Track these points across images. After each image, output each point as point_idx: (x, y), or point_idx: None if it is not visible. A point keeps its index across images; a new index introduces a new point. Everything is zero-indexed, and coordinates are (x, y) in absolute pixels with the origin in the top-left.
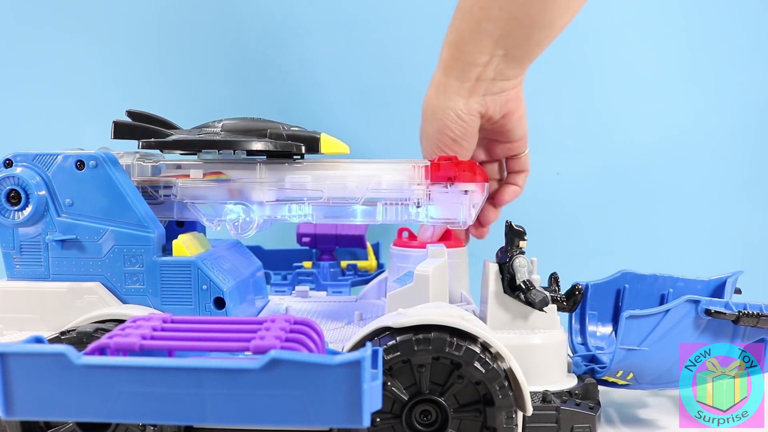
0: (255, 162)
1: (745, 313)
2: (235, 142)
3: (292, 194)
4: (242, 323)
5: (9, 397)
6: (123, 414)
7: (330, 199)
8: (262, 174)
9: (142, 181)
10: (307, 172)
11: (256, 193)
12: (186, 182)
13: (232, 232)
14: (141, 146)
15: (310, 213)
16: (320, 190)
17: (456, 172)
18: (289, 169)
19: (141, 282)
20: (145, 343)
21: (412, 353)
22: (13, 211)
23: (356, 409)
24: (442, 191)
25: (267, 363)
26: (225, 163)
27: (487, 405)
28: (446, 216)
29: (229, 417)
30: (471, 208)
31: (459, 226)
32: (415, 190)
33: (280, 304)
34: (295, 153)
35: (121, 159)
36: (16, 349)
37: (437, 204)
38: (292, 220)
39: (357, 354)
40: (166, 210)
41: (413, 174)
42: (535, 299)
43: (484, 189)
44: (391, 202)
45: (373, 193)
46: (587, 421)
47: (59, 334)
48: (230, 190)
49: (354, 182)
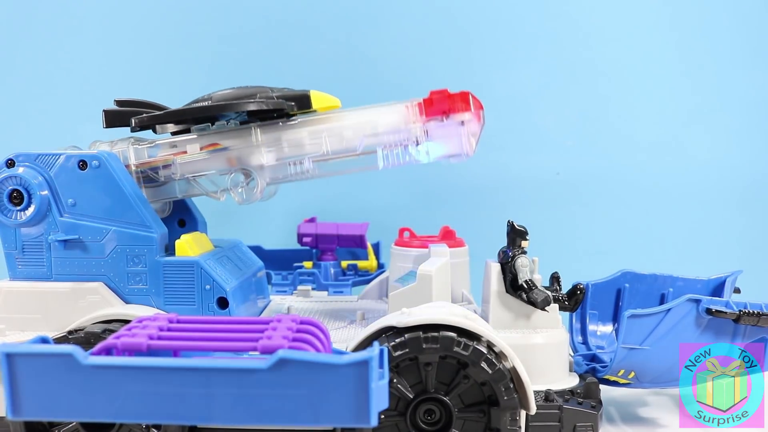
0: (249, 127)
1: (746, 312)
2: (227, 105)
3: (291, 153)
4: (248, 323)
5: (16, 397)
6: (130, 414)
7: (329, 152)
8: (258, 137)
9: (141, 165)
10: (302, 129)
11: (255, 157)
12: (184, 158)
13: (237, 199)
14: (134, 125)
15: (311, 169)
16: (318, 145)
17: (449, 104)
18: (284, 129)
19: (144, 282)
20: (153, 343)
21: (420, 351)
22: (16, 211)
23: (364, 408)
24: (439, 126)
25: (275, 363)
26: (220, 133)
27: (491, 406)
28: (447, 151)
29: (236, 417)
30: (470, 137)
31: (461, 158)
32: (412, 129)
33: (281, 304)
34: (288, 113)
35: (116, 146)
36: (22, 349)
37: (436, 139)
38: (295, 179)
39: (365, 354)
40: (168, 190)
41: (407, 114)
42: (537, 299)
43: (480, 117)
44: (391, 146)
45: (372, 140)
46: (590, 420)
47: (66, 333)
48: (229, 159)
49: (350, 131)
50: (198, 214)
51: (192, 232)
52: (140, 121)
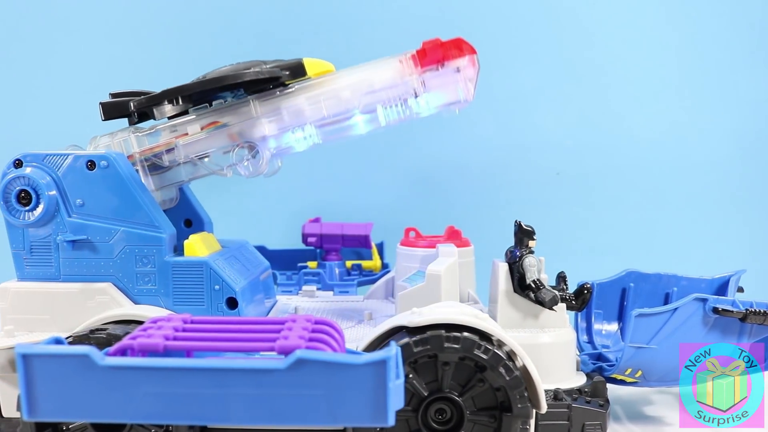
0: (247, 101)
1: (753, 311)
2: (224, 77)
3: (291, 121)
4: (263, 323)
5: (32, 398)
6: (147, 415)
7: (329, 115)
8: (258, 109)
9: (144, 152)
10: (299, 96)
11: (257, 129)
12: (186, 140)
13: (244, 173)
14: (133, 108)
15: (314, 134)
16: (317, 109)
17: (443, 52)
18: (282, 98)
19: (153, 282)
20: (170, 343)
21: (440, 349)
22: (24, 212)
23: (381, 407)
24: (436, 75)
25: (293, 363)
26: (218, 111)
27: (503, 412)
28: (446, 99)
29: (253, 417)
30: (467, 83)
31: (462, 105)
32: (409, 82)
33: (288, 303)
34: (284, 82)
35: (116, 137)
36: (38, 350)
37: (434, 89)
38: (298, 146)
39: (383, 353)
40: (175, 175)
41: (402, 67)
42: (545, 298)
43: (475, 62)
44: (390, 102)
45: (370, 98)
46: (598, 419)
47: (89, 333)
48: (231, 135)
49: (347, 92)
50: (204, 214)
51: (199, 232)
52: (138, 104)
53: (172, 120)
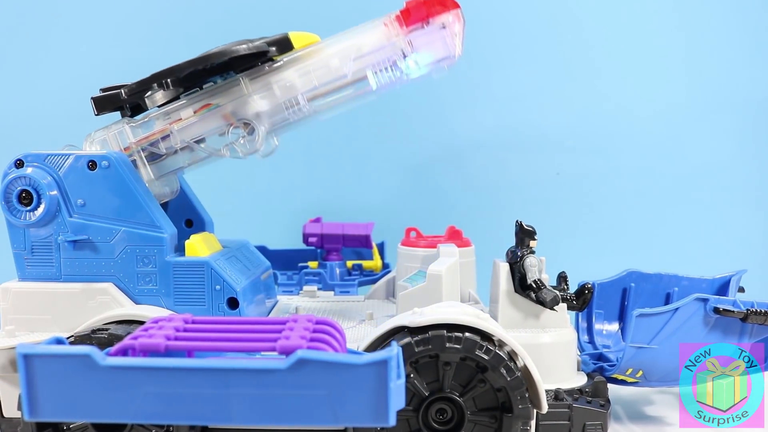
0: (238, 79)
1: (753, 311)
2: (211, 54)
3: (283, 95)
4: (264, 323)
5: (33, 398)
6: (148, 415)
7: (320, 84)
8: (249, 87)
9: (140, 141)
10: (289, 69)
11: (249, 106)
12: (180, 125)
13: (241, 152)
14: (124, 94)
15: (306, 106)
16: (308, 80)
17: (426, 9)
18: (272, 73)
19: (154, 282)
20: (171, 343)
21: (442, 349)
22: (25, 212)
23: (383, 407)
24: (422, 34)
25: (294, 363)
26: (209, 93)
27: (504, 412)
28: (434, 57)
29: (254, 417)
30: (454, 38)
31: (451, 61)
32: (396, 43)
33: (289, 303)
34: (272, 57)
35: (111, 130)
36: (40, 350)
37: (421, 48)
38: (292, 119)
39: (384, 353)
40: (174, 162)
41: (388, 29)
42: (546, 298)
43: (459, 16)
44: (380, 65)
45: (359, 63)
46: (599, 419)
47: (90, 333)
48: (224, 116)
49: (336, 59)
50: (205, 214)
51: (200, 232)
52: (129, 90)
53: (165, 107)
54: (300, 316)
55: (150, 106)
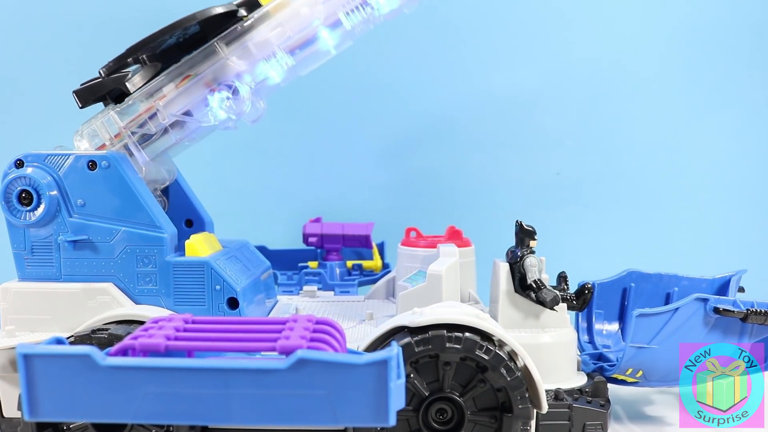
0: (212, 45)
1: (753, 311)
2: (182, 19)
3: (260, 52)
4: (264, 323)
5: (33, 398)
6: (148, 415)
7: (294, 33)
8: (224, 50)
9: (128, 124)
10: (261, 25)
11: (229, 68)
12: (165, 100)
13: (229, 115)
14: (103, 74)
15: (286, 58)
16: (282, 33)
17: None
18: (245, 32)
19: (154, 282)
20: (171, 343)
21: (442, 349)
22: (25, 212)
23: (383, 407)
24: None
25: (294, 363)
26: (187, 64)
27: (504, 412)
28: None
29: (254, 417)
30: None
31: None
32: None
33: (289, 303)
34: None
35: (97, 119)
36: (40, 350)
37: None
38: (276, 77)
39: (384, 353)
40: (166, 141)
41: None
42: (546, 298)
43: None
44: (348, 4)
45: (328, 6)
46: (599, 419)
47: (90, 333)
48: (206, 83)
49: (305, 7)
50: (205, 214)
51: (200, 232)
52: (107, 69)
53: (146, 86)
54: (300, 316)
55: (131, 89)
